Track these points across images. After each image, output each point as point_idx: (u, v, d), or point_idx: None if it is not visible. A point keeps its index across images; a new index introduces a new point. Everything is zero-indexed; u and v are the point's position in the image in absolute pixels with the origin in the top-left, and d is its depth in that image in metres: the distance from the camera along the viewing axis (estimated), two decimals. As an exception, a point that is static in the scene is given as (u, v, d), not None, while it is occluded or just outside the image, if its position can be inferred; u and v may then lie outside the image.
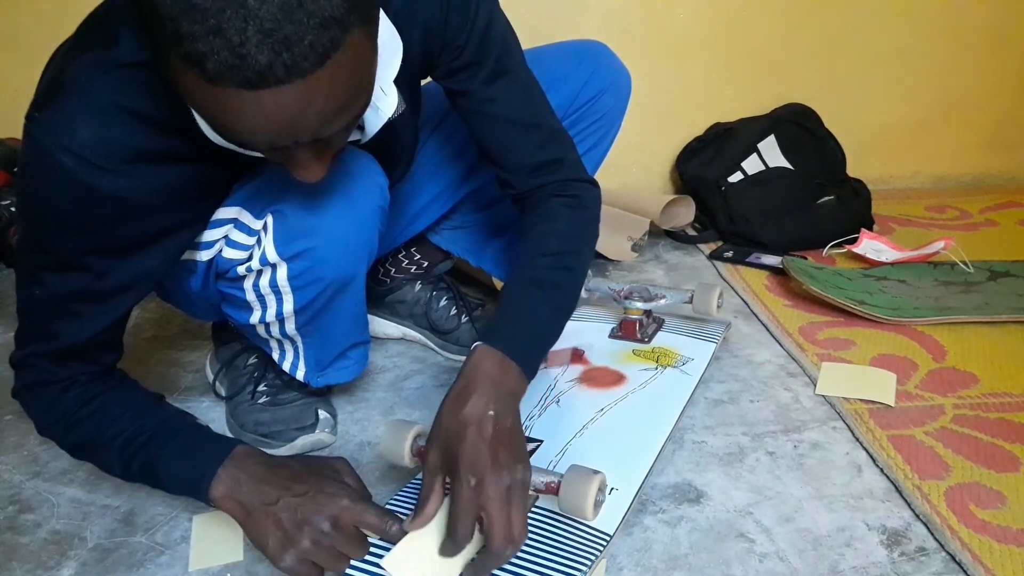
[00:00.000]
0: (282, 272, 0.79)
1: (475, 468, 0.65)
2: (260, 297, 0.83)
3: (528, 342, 0.77)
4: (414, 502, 0.79)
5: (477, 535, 0.66)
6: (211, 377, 1.07)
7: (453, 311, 1.18)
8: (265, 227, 0.78)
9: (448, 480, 0.67)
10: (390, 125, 0.77)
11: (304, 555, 0.67)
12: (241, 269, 0.81)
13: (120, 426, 0.74)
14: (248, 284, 0.82)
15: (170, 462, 0.72)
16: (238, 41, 0.48)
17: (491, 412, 0.68)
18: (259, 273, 0.81)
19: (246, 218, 0.78)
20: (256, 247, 0.79)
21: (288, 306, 0.83)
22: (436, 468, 0.68)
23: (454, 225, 1.15)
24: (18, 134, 1.87)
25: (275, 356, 0.94)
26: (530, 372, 0.76)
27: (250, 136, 0.55)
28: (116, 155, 0.64)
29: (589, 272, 1.19)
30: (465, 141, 1.00)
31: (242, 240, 0.79)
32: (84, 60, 0.64)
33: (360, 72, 0.56)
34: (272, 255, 0.78)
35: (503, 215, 1.12)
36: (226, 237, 0.80)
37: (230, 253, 0.80)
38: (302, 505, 0.68)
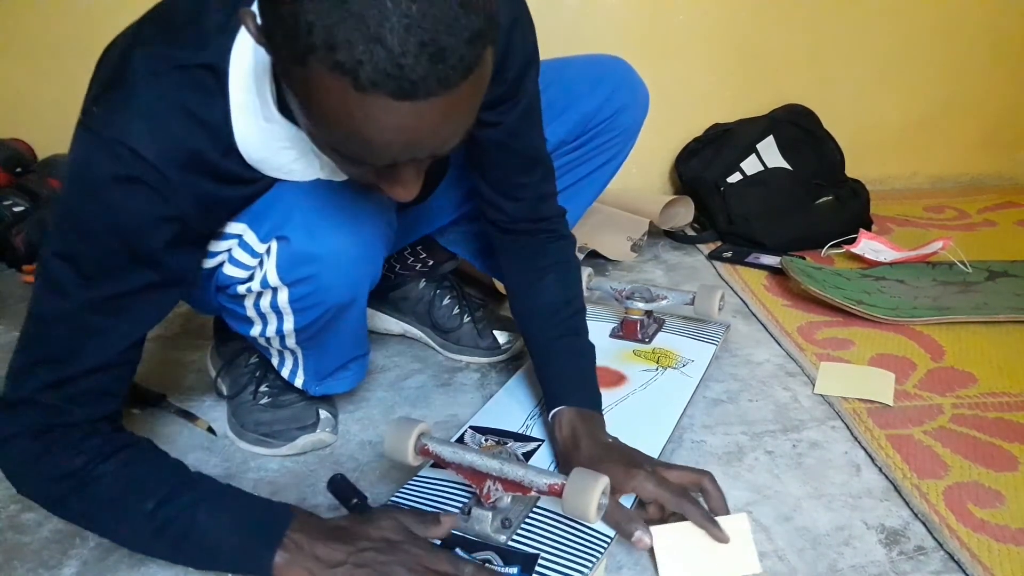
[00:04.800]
0: (283, 295, 0.79)
1: (671, 482, 0.76)
2: (261, 315, 0.82)
3: (589, 386, 0.89)
4: (414, 501, 0.80)
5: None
6: (213, 374, 1.07)
7: (456, 310, 1.18)
8: (269, 251, 0.76)
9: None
10: None
11: None
12: (241, 288, 0.79)
13: (150, 487, 0.67)
14: (249, 303, 0.81)
15: (219, 530, 0.67)
16: (400, 51, 0.48)
17: (615, 445, 0.81)
18: (260, 294, 0.80)
19: (250, 238, 0.77)
20: (258, 268, 0.78)
21: (288, 325, 0.82)
22: (635, 513, 0.75)
23: (462, 229, 1.14)
24: (20, 134, 1.87)
25: (275, 363, 0.93)
26: (600, 404, 0.88)
27: (382, 148, 0.55)
28: (169, 156, 0.63)
29: (591, 271, 1.20)
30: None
31: (244, 260, 0.78)
32: (146, 56, 0.63)
33: (485, 89, 0.56)
34: (274, 279, 0.77)
35: None
36: (229, 253, 0.78)
37: (231, 271, 0.78)
38: (375, 560, 0.65)
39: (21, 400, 0.67)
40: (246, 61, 0.65)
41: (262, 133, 0.68)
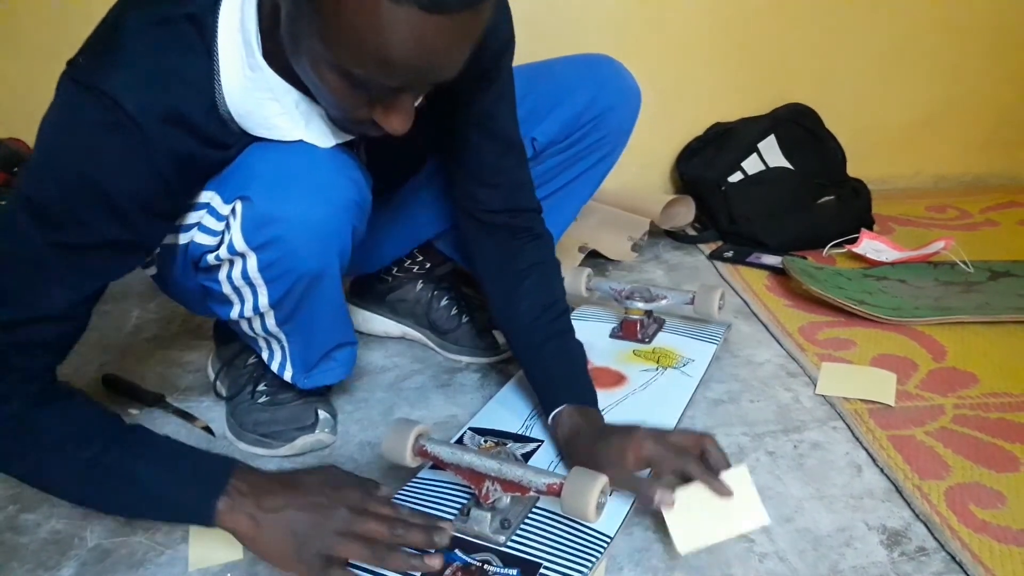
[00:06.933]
0: (252, 263, 0.78)
1: (672, 442, 0.76)
2: (236, 290, 0.82)
3: (583, 384, 0.89)
4: (413, 503, 0.79)
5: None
6: (212, 376, 1.07)
7: (454, 311, 1.18)
8: (233, 212, 0.76)
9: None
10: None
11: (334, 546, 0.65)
12: (211, 258, 0.79)
13: (90, 435, 0.67)
14: (223, 275, 0.81)
15: (162, 478, 0.67)
16: None
17: (614, 426, 0.82)
18: (231, 263, 0.79)
19: (216, 203, 0.77)
20: (225, 232, 0.77)
21: (263, 299, 0.82)
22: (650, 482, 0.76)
23: (457, 234, 1.14)
24: (18, 134, 1.86)
25: (264, 356, 0.93)
26: (595, 402, 0.88)
27: (401, 63, 0.57)
28: (150, 109, 0.64)
29: (590, 271, 1.20)
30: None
31: (212, 226, 0.78)
32: (133, 11, 0.65)
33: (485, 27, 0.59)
34: (240, 243, 0.76)
35: None
36: (200, 223, 0.78)
37: (201, 239, 0.79)
38: (316, 503, 0.66)
39: None
40: (234, 10, 0.66)
41: (247, 82, 0.69)
